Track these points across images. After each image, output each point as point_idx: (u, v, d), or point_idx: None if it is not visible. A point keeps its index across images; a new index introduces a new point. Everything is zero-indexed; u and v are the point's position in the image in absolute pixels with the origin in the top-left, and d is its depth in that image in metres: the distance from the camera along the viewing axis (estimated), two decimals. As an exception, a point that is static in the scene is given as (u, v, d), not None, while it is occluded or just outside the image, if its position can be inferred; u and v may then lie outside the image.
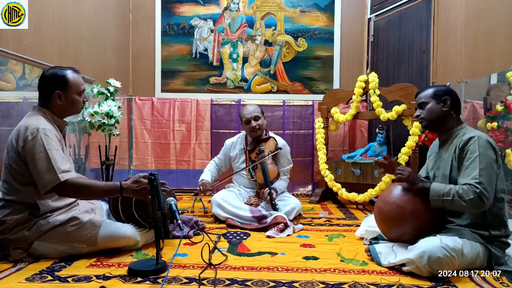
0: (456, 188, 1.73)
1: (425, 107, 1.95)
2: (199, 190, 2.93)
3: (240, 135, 3.21)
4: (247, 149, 3.05)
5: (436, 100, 1.92)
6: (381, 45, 4.16)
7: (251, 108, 3.02)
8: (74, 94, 1.98)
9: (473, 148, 1.75)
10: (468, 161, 1.75)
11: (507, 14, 2.63)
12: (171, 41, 4.40)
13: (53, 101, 1.95)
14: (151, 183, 1.80)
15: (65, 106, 1.98)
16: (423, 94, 1.97)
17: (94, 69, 3.60)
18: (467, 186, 1.70)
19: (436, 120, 1.93)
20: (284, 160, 3.10)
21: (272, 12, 4.41)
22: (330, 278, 1.69)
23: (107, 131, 3.16)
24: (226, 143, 3.22)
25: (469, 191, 1.69)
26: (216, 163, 3.21)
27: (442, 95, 1.91)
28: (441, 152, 1.99)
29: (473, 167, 1.72)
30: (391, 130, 3.51)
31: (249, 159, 3.03)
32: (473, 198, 1.68)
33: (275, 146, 3.00)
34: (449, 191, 1.74)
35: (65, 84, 1.95)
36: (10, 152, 1.86)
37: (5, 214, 1.84)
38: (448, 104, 1.90)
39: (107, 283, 1.60)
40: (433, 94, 1.93)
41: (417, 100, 2.01)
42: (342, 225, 2.73)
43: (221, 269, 1.78)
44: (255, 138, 3.02)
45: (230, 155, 3.17)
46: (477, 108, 2.89)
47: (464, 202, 1.69)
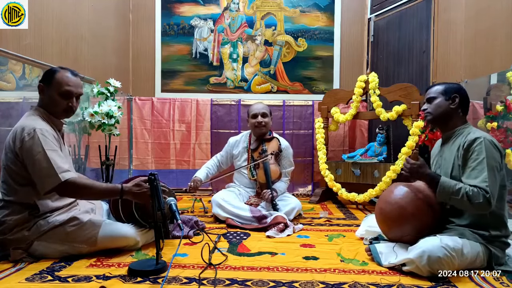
0: (466, 189, 1.71)
1: (432, 102, 1.94)
2: (189, 187, 2.89)
3: (244, 134, 3.22)
4: (250, 148, 3.06)
5: (445, 96, 1.91)
6: (381, 45, 4.16)
7: (260, 105, 3.09)
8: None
9: (480, 149, 1.74)
10: (475, 162, 1.74)
11: (507, 14, 2.63)
12: (171, 41, 4.40)
13: (39, 96, 1.94)
14: (151, 183, 1.80)
15: (47, 103, 1.93)
16: (433, 89, 1.96)
17: (94, 69, 3.60)
18: (478, 189, 1.69)
19: (442, 116, 1.92)
20: (286, 162, 3.11)
21: (272, 12, 4.41)
22: (330, 278, 1.68)
23: (107, 131, 3.16)
24: (229, 141, 3.23)
25: (479, 195, 1.68)
26: (218, 159, 3.20)
27: (452, 92, 1.90)
28: (443, 150, 1.98)
29: (480, 169, 1.72)
30: (391, 130, 3.51)
31: (251, 158, 3.03)
32: (482, 202, 1.67)
33: (278, 147, 3.01)
34: (458, 190, 1.72)
35: (49, 79, 1.92)
36: (8, 153, 1.85)
37: (4, 214, 1.84)
38: (456, 102, 1.89)
39: (107, 283, 1.60)
40: (443, 90, 1.92)
41: (427, 94, 1.99)
42: (342, 225, 2.73)
43: (221, 269, 1.78)
44: (259, 135, 3.04)
45: (232, 152, 3.17)
46: (477, 108, 2.89)
47: (472, 205, 1.69)
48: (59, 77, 1.92)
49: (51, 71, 1.95)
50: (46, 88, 1.92)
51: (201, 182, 2.96)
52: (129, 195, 1.89)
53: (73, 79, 1.95)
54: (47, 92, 1.92)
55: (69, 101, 1.94)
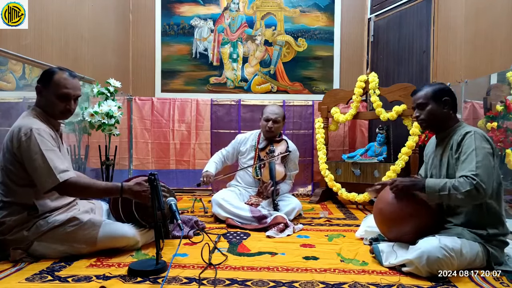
0: (451, 182, 1.71)
1: (424, 108, 1.91)
2: (202, 181, 2.88)
3: (253, 132, 3.23)
4: (258, 147, 3.07)
5: (436, 101, 1.89)
6: (381, 45, 4.16)
7: (276, 109, 3.06)
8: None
9: (469, 142, 1.75)
10: (465, 155, 1.74)
11: (507, 14, 2.63)
12: (171, 41, 4.40)
13: (37, 96, 1.93)
14: (151, 183, 1.80)
15: (44, 104, 1.92)
16: (421, 95, 1.93)
17: (94, 69, 3.60)
18: (463, 178, 1.69)
19: (437, 121, 1.92)
20: (291, 165, 3.12)
21: (272, 12, 4.41)
22: (330, 278, 1.68)
23: (107, 131, 3.16)
24: (237, 137, 3.23)
25: (465, 183, 1.67)
26: (223, 154, 3.18)
27: (442, 96, 1.89)
28: (438, 150, 1.97)
29: (470, 160, 1.71)
30: (391, 130, 3.51)
31: (258, 157, 3.04)
32: (469, 189, 1.66)
33: (286, 149, 3.02)
34: (444, 185, 1.72)
35: (47, 81, 1.89)
36: (6, 153, 1.85)
37: (4, 215, 1.84)
38: (447, 105, 1.89)
39: (107, 283, 1.60)
40: (433, 95, 1.90)
41: (415, 100, 1.96)
42: (342, 225, 2.73)
43: (221, 269, 1.78)
44: (267, 138, 3.06)
45: (239, 149, 3.17)
46: (477, 108, 2.89)
47: (461, 195, 1.67)
48: (57, 78, 1.89)
49: (49, 72, 1.92)
50: (44, 89, 1.91)
51: (213, 176, 2.95)
52: (128, 194, 1.88)
53: (71, 81, 1.92)
54: (45, 93, 1.91)
55: (66, 103, 1.92)
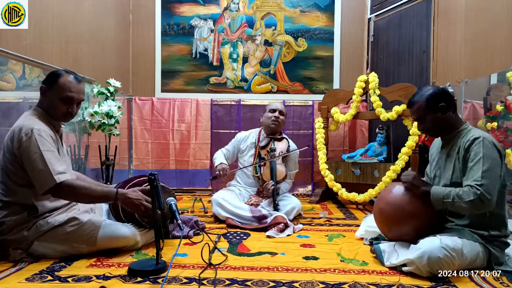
0: (456, 190, 1.72)
1: (424, 120, 1.90)
2: (219, 175, 2.87)
3: (254, 130, 3.23)
4: (259, 144, 3.06)
5: (432, 110, 1.86)
6: (381, 45, 4.16)
7: (280, 104, 3.21)
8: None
9: (478, 149, 1.73)
10: (472, 162, 1.74)
11: (507, 14, 2.63)
12: (171, 41, 4.40)
13: (40, 97, 1.93)
14: (151, 183, 1.80)
15: (47, 105, 1.92)
16: (416, 108, 1.90)
17: (94, 69, 3.60)
18: (468, 187, 1.69)
19: (440, 128, 1.91)
20: (292, 164, 3.11)
21: (272, 12, 4.41)
22: (330, 278, 1.68)
23: (107, 131, 3.16)
24: (237, 136, 3.23)
25: (470, 193, 1.68)
26: (224, 153, 3.16)
27: (436, 102, 1.85)
28: (443, 152, 1.96)
29: (476, 168, 1.71)
30: (391, 130, 3.51)
31: (258, 155, 3.03)
32: (473, 199, 1.66)
33: (287, 148, 3.01)
34: (448, 193, 1.74)
35: (52, 83, 1.90)
36: (6, 153, 1.85)
37: (3, 215, 1.84)
38: (444, 110, 1.86)
39: (107, 283, 1.60)
40: (427, 104, 1.86)
41: (412, 112, 1.94)
42: (342, 225, 2.73)
43: (221, 269, 1.78)
44: (271, 133, 3.05)
45: (240, 147, 3.17)
46: (477, 108, 2.89)
47: (465, 204, 1.69)
48: (62, 81, 1.90)
49: (55, 74, 1.92)
50: (48, 90, 1.91)
51: (228, 169, 2.96)
52: (122, 201, 1.89)
53: (76, 85, 1.93)
54: (49, 94, 1.91)
55: (69, 106, 1.92)
